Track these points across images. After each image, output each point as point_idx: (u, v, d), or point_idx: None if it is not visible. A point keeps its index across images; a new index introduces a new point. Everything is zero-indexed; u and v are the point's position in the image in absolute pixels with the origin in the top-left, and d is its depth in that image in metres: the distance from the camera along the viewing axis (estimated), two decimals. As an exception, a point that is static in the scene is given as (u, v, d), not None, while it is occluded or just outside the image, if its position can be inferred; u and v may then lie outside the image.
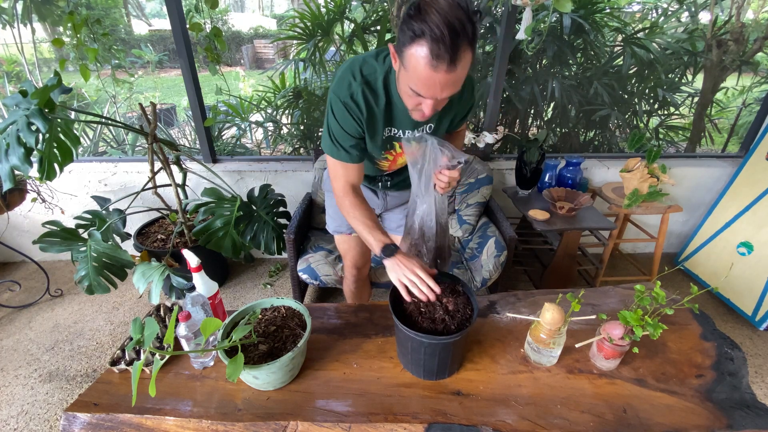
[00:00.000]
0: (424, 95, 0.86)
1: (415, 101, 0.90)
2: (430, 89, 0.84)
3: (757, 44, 2.47)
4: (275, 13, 11.44)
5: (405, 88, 0.89)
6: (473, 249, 1.91)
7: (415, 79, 0.83)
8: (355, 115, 1.01)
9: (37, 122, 1.33)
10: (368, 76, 0.99)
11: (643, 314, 0.95)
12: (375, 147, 1.11)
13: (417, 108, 0.93)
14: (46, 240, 1.59)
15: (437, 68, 0.79)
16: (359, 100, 0.99)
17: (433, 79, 0.81)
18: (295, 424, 0.89)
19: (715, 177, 2.36)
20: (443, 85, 0.83)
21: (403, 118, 1.05)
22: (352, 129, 1.03)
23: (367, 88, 0.99)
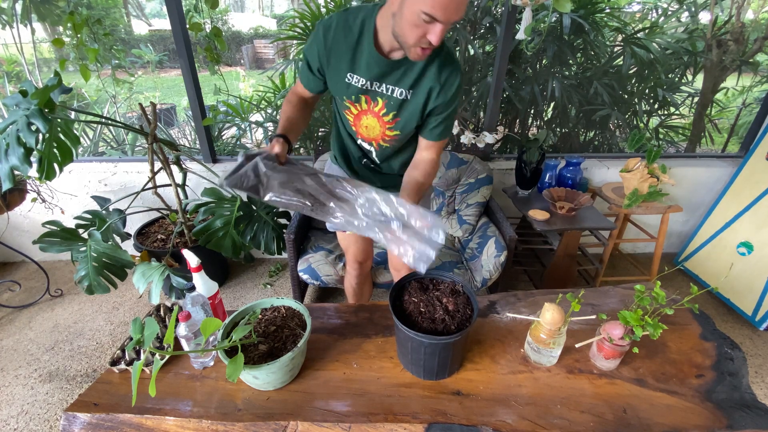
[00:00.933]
0: (441, 18, 0.82)
1: (421, 31, 0.86)
2: (446, 9, 0.81)
3: (757, 44, 2.47)
4: (275, 13, 11.44)
5: (413, 16, 0.84)
6: (473, 249, 1.91)
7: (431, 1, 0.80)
8: (318, 43, 1.03)
9: (37, 122, 1.33)
10: (348, 14, 1.00)
11: (643, 314, 0.95)
12: (336, 87, 1.09)
13: (421, 42, 0.88)
14: (46, 240, 1.59)
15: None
16: (329, 29, 1.00)
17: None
18: (295, 424, 0.89)
19: (715, 177, 2.36)
20: (459, 4, 0.82)
21: (367, 66, 1.01)
22: (313, 58, 1.06)
23: (343, 20, 1.00)
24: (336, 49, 1.01)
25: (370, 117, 1.11)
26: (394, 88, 1.04)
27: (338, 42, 1.00)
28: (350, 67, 1.03)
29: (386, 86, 1.04)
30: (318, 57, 1.05)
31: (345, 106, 1.13)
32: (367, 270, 1.63)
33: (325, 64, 1.05)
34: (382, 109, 1.07)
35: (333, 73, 1.06)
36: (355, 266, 1.57)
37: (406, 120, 1.09)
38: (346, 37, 1.00)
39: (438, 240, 0.91)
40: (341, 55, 1.02)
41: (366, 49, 1.00)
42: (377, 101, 1.07)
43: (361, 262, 1.56)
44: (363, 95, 1.07)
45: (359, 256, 1.53)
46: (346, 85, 1.06)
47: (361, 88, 1.05)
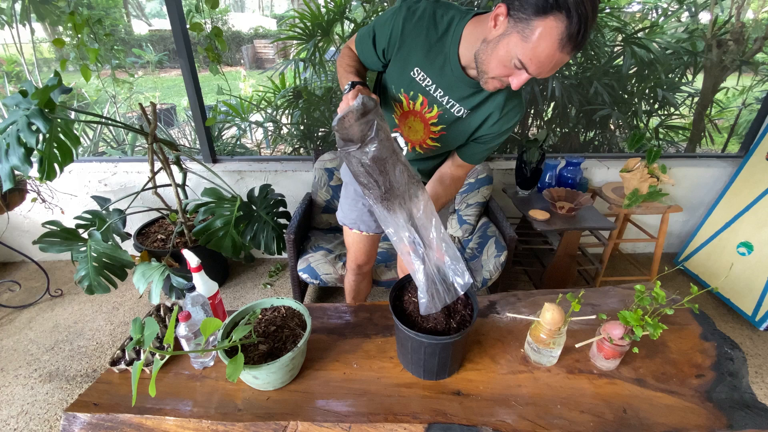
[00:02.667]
0: (532, 72, 0.78)
1: (507, 71, 0.81)
2: (542, 67, 0.76)
3: (757, 44, 2.47)
4: (275, 13, 11.44)
5: (506, 56, 0.78)
6: (473, 249, 1.91)
7: (532, 53, 0.74)
8: (396, 24, 0.92)
9: (38, 122, 1.33)
10: (440, 6, 0.90)
11: (643, 314, 0.95)
12: (395, 80, 1.00)
13: (503, 78, 0.83)
14: (46, 240, 1.59)
15: (564, 49, 0.72)
16: (414, 15, 0.90)
17: (553, 58, 0.74)
18: (295, 424, 0.89)
19: (715, 177, 2.36)
20: (556, 65, 0.76)
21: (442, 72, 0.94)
22: (382, 33, 0.96)
23: (431, 15, 0.90)
24: (413, 39, 0.92)
25: (418, 120, 1.04)
26: (455, 104, 0.98)
27: (419, 32, 0.91)
28: (422, 62, 0.94)
29: (449, 98, 0.97)
30: (389, 38, 0.94)
31: (398, 98, 1.03)
32: (365, 271, 1.63)
33: (394, 49, 0.95)
34: (434, 118, 1.01)
35: (399, 62, 0.96)
36: (354, 268, 1.57)
37: (453, 137, 1.05)
38: (428, 30, 0.90)
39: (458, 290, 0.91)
40: (416, 47, 0.93)
41: (446, 51, 0.91)
42: (432, 108, 1.00)
43: (361, 264, 1.55)
44: (422, 95, 0.99)
45: (360, 259, 1.53)
46: (410, 78, 0.97)
47: (423, 88, 0.97)
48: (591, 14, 0.69)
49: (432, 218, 0.92)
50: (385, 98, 1.08)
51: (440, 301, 0.90)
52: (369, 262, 1.57)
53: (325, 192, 2.06)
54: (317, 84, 2.58)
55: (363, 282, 1.68)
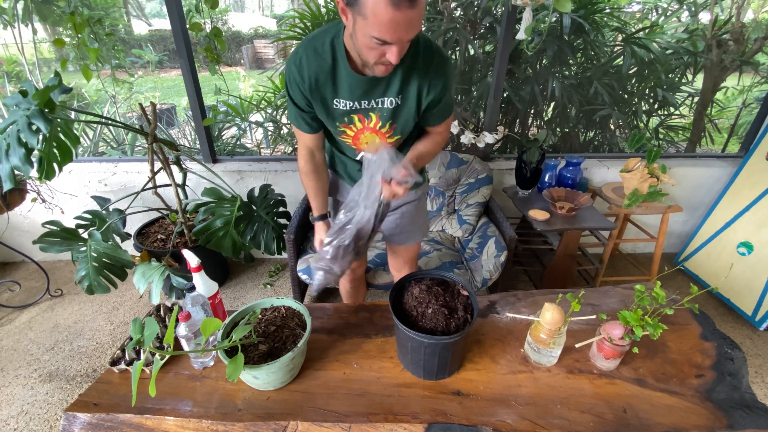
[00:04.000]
0: (390, 40, 0.80)
1: (378, 52, 0.84)
2: (395, 31, 0.78)
3: (757, 44, 2.47)
4: (275, 13, 11.44)
5: (365, 39, 0.82)
6: (473, 249, 1.91)
7: (377, 24, 0.77)
8: (298, 83, 0.99)
9: (38, 122, 1.33)
10: (314, 41, 0.96)
11: (643, 314, 0.95)
12: (328, 119, 1.06)
13: (381, 60, 0.86)
14: (46, 240, 1.59)
15: (399, 6, 0.74)
16: (303, 65, 0.96)
17: (397, 19, 0.76)
18: (295, 424, 0.89)
19: (715, 177, 2.36)
20: (408, 23, 0.78)
21: (350, 88, 0.99)
22: (297, 98, 1.03)
23: (311, 51, 0.96)
24: (314, 79, 0.98)
25: (367, 133, 1.09)
26: (382, 100, 1.01)
27: (314, 72, 0.97)
28: (334, 92, 1.01)
29: (374, 101, 1.01)
30: (302, 94, 1.01)
31: (340, 131, 1.10)
32: (359, 275, 1.63)
33: (309, 98, 1.02)
34: (377, 122, 1.05)
35: (319, 104, 1.03)
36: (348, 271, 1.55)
37: (404, 124, 1.07)
38: (320, 65, 0.96)
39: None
40: (322, 84, 0.99)
41: (343, 72, 0.97)
42: (370, 117, 1.04)
43: (353, 268, 1.54)
44: (354, 115, 1.04)
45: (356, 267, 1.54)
46: (335, 110, 1.04)
47: (350, 110, 1.03)
48: None
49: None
50: (334, 139, 1.18)
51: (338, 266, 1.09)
52: (361, 264, 1.58)
53: (325, 192, 2.07)
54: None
55: (359, 288, 1.68)
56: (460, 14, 2.44)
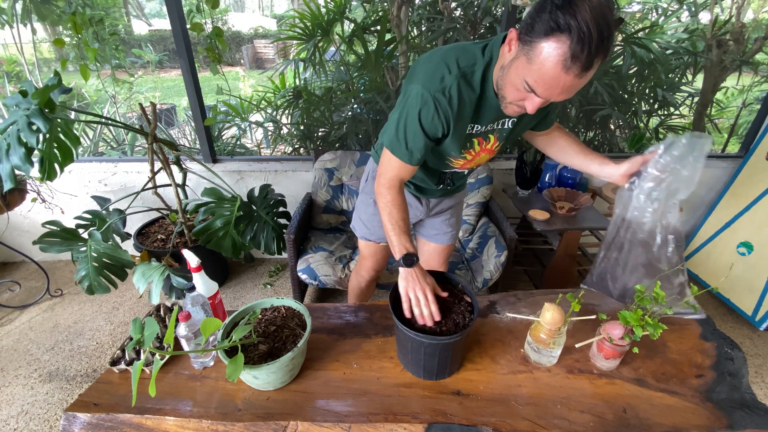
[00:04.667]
0: (540, 94, 0.78)
1: (521, 95, 0.82)
2: (550, 89, 0.77)
3: (757, 44, 2.47)
4: (275, 13, 11.44)
5: (516, 80, 0.80)
6: (473, 249, 1.91)
7: (538, 74, 0.75)
8: (444, 112, 0.91)
9: (38, 122, 1.33)
10: (466, 68, 0.89)
11: (643, 314, 0.95)
12: (454, 145, 1.02)
13: (519, 102, 0.85)
14: (46, 240, 1.59)
15: (569, 71, 0.72)
16: (453, 95, 0.89)
17: (559, 80, 0.74)
18: (295, 424, 0.89)
19: (715, 177, 2.36)
20: (565, 88, 0.76)
21: (488, 114, 0.97)
22: (433, 129, 0.95)
23: (464, 81, 0.89)
24: (463, 109, 0.93)
25: (482, 154, 1.09)
26: (505, 121, 1.01)
27: (465, 102, 0.92)
28: (473, 119, 0.98)
29: (498, 122, 1.01)
30: (444, 124, 0.94)
31: (461, 156, 1.07)
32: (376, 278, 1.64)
33: (451, 127, 0.96)
34: (495, 143, 1.06)
35: (456, 132, 0.98)
36: (373, 275, 1.56)
37: (512, 138, 1.09)
38: (470, 96, 0.92)
39: None
40: (466, 114, 0.95)
41: (489, 101, 0.94)
42: (489, 139, 1.04)
43: (379, 270, 1.56)
44: (476, 138, 1.03)
45: (380, 266, 1.54)
46: (468, 136, 1.01)
47: (476, 134, 1.02)
48: (596, 36, 0.68)
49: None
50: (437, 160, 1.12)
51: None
52: (383, 269, 1.59)
53: (325, 192, 2.06)
54: (317, 84, 2.58)
55: (371, 289, 1.68)
56: (460, 14, 2.43)
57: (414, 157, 0.99)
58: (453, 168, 1.16)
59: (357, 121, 2.46)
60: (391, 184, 1.04)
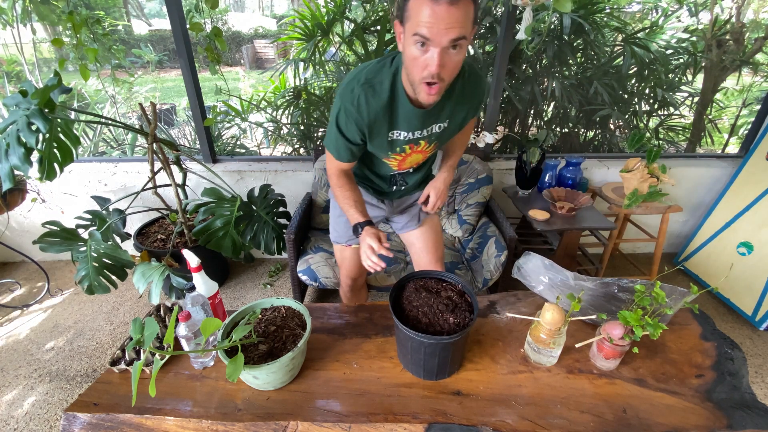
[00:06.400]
0: (429, 36, 0.82)
1: (421, 63, 0.86)
2: (435, 26, 0.80)
3: (757, 44, 2.47)
4: (275, 13, 11.45)
5: (411, 46, 0.86)
6: (473, 249, 1.91)
7: (418, 21, 0.81)
8: (355, 120, 1.03)
9: (38, 122, 1.33)
10: (372, 79, 1.00)
11: (643, 314, 0.95)
12: (379, 149, 1.13)
13: (424, 75, 0.88)
14: (46, 240, 1.59)
15: (438, 1, 0.78)
16: (361, 104, 1.00)
17: (436, 13, 0.79)
18: (295, 424, 0.89)
19: (715, 177, 2.36)
20: (447, 21, 0.80)
21: (410, 121, 1.05)
22: (352, 135, 1.06)
23: (370, 90, 1.00)
24: (373, 117, 1.02)
25: (414, 155, 1.18)
26: (432, 127, 1.09)
27: (373, 110, 1.01)
28: (390, 125, 1.06)
29: (426, 129, 1.09)
30: (358, 129, 1.05)
31: (389, 157, 1.17)
32: (360, 284, 1.62)
33: (366, 134, 1.06)
34: (425, 146, 1.15)
35: (376, 138, 1.08)
36: (348, 281, 1.56)
37: (446, 139, 1.20)
38: (378, 101, 1.01)
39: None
40: (380, 120, 1.03)
41: (401, 107, 1.02)
42: (420, 143, 1.12)
43: (356, 277, 1.54)
44: (407, 145, 1.12)
45: (352, 272, 1.52)
46: (390, 142, 1.10)
47: (405, 140, 1.10)
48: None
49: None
50: (377, 161, 1.23)
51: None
52: (362, 274, 1.56)
53: (325, 192, 2.06)
54: (317, 84, 2.58)
55: (360, 294, 1.67)
56: (460, 14, 2.43)
57: (341, 155, 1.12)
58: (393, 170, 1.25)
59: (357, 121, 2.46)
60: (333, 173, 1.19)
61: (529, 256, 1.22)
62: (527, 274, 1.21)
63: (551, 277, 1.15)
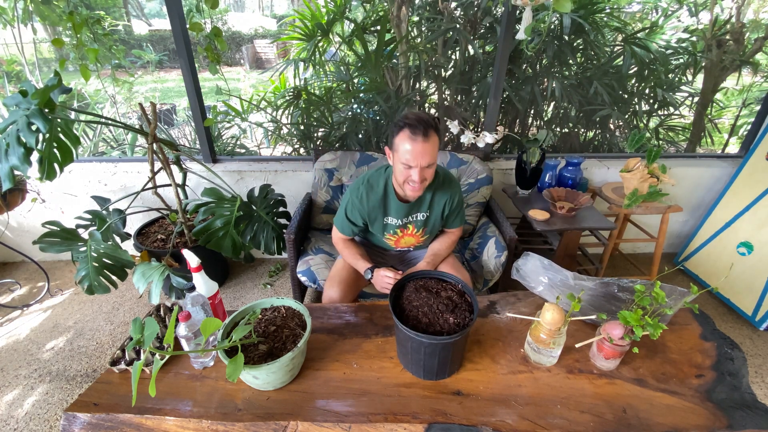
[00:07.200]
0: (411, 164, 1.22)
1: (406, 174, 1.26)
2: (413, 157, 1.20)
3: (757, 44, 2.47)
4: (275, 13, 11.45)
5: (399, 166, 1.26)
6: (473, 249, 1.91)
7: (402, 153, 1.22)
8: (359, 210, 1.45)
9: (38, 122, 1.33)
10: (372, 181, 1.44)
11: (643, 314, 0.95)
12: (377, 230, 1.51)
13: (408, 180, 1.27)
14: (46, 240, 1.59)
15: (415, 140, 1.19)
16: (363, 198, 1.43)
17: (414, 148, 1.19)
18: (295, 424, 0.89)
19: (715, 177, 2.36)
20: (422, 152, 1.20)
21: (398, 210, 1.44)
22: (355, 219, 1.48)
23: (370, 188, 1.43)
24: (372, 207, 1.44)
25: (406, 237, 1.54)
26: (417, 215, 1.48)
27: (372, 203, 1.43)
28: (385, 213, 1.46)
29: (412, 217, 1.48)
30: (361, 216, 1.46)
31: (387, 237, 1.54)
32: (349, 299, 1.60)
33: (366, 218, 1.47)
34: (414, 229, 1.51)
35: (374, 222, 1.48)
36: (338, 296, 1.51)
37: (432, 226, 1.52)
38: (376, 197, 1.43)
39: None
40: (376, 209, 1.44)
41: (392, 201, 1.44)
42: (408, 228, 1.50)
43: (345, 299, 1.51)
44: (399, 228, 1.50)
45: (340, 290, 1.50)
46: (384, 225, 1.49)
47: (395, 225, 1.48)
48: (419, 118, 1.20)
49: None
50: (378, 240, 1.60)
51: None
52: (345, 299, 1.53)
53: (325, 192, 2.06)
54: (317, 84, 2.58)
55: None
56: (460, 14, 2.44)
57: (344, 231, 1.53)
58: (393, 247, 1.61)
59: (357, 121, 2.47)
60: (337, 240, 1.59)
61: (527, 257, 1.22)
62: (526, 274, 1.21)
63: (551, 277, 1.15)
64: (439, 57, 2.46)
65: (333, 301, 1.51)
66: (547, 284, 1.16)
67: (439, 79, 2.54)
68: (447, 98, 2.61)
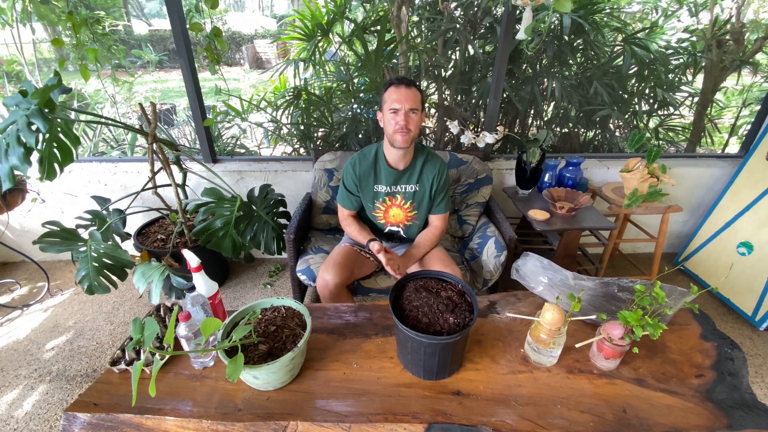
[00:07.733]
0: (396, 106, 1.38)
1: (394, 122, 1.40)
2: (398, 99, 1.38)
3: (757, 44, 2.47)
4: (275, 13, 11.45)
5: (387, 119, 1.42)
6: (473, 249, 1.91)
7: (389, 102, 1.40)
8: (350, 176, 1.59)
9: (37, 122, 1.32)
10: (365, 151, 1.60)
11: (643, 314, 0.95)
12: (368, 198, 1.62)
13: (396, 128, 1.40)
14: (46, 240, 1.59)
15: (399, 87, 1.39)
16: (356, 165, 1.58)
17: (399, 92, 1.38)
18: (295, 424, 0.89)
19: (715, 177, 2.36)
20: (405, 96, 1.38)
21: (387, 176, 1.56)
22: (350, 185, 1.61)
23: (362, 156, 1.58)
24: (363, 173, 1.57)
25: (394, 208, 1.64)
26: (406, 186, 1.59)
27: (363, 168, 1.57)
28: (375, 180, 1.59)
29: (400, 186, 1.59)
30: (354, 183, 1.60)
31: (376, 208, 1.65)
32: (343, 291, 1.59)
33: (359, 185, 1.60)
34: (402, 200, 1.62)
35: (365, 189, 1.60)
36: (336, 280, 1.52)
37: (419, 202, 1.62)
38: (367, 163, 1.57)
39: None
40: (367, 176, 1.58)
41: (382, 167, 1.57)
42: (396, 197, 1.61)
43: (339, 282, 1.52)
44: (387, 196, 1.61)
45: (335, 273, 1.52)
46: (375, 192, 1.61)
47: (384, 192, 1.60)
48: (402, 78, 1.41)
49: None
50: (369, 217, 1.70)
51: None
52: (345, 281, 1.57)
53: (325, 192, 2.06)
54: (317, 84, 2.58)
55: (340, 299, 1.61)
56: (460, 14, 2.43)
57: (345, 204, 1.67)
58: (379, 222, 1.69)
59: (357, 121, 2.47)
60: (343, 218, 1.72)
61: (527, 258, 1.22)
62: (526, 275, 1.21)
63: (550, 277, 1.15)
64: (439, 57, 2.46)
65: (327, 283, 1.54)
66: (547, 284, 1.16)
67: (439, 79, 2.54)
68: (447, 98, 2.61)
